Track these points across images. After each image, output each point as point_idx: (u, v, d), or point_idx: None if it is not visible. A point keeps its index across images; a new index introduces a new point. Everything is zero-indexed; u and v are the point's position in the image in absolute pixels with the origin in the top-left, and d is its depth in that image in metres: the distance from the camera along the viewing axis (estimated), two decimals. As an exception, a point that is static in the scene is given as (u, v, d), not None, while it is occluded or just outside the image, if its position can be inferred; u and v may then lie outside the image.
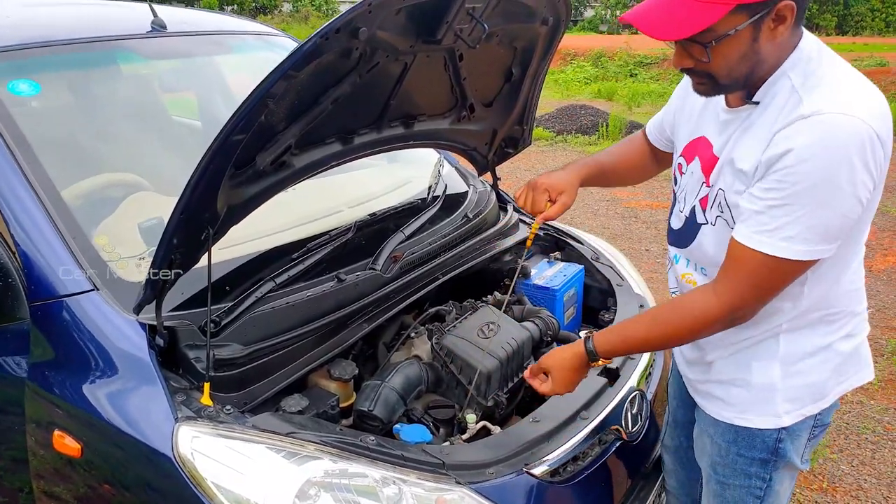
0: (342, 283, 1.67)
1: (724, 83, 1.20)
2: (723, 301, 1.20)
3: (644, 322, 1.36)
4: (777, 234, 1.13)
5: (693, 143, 1.39)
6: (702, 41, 1.13)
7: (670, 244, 1.48)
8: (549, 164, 7.58)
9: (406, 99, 1.86)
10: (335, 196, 2.08)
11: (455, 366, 1.64)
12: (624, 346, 1.38)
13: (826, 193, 1.09)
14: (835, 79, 1.15)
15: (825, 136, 1.08)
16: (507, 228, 2.33)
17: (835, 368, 1.32)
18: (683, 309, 1.28)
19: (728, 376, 1.37)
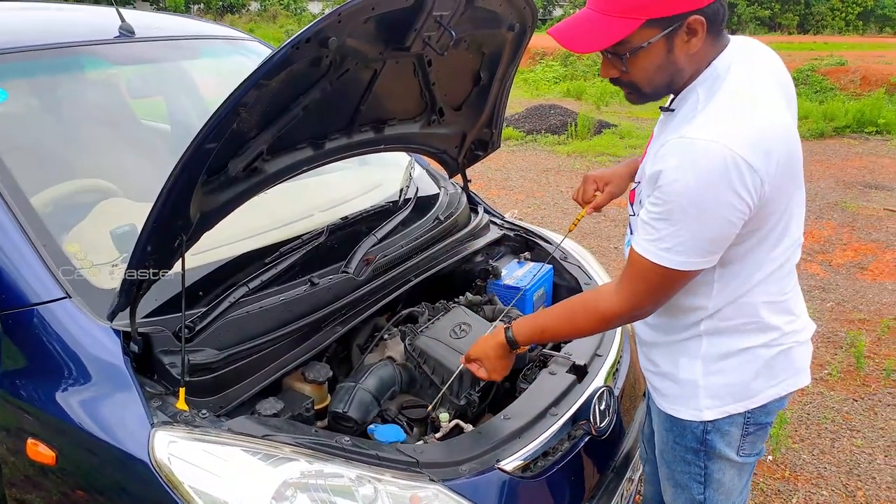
0: (315, 287, 1.69)
1: (647, 92, 1.29)
2: (622, 300, 1.32)
3: (556, 314, 1.46)
4: (658, 245, 1.23)
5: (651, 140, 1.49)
6: (618, 53, 1.23)
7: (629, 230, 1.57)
8: (519, 163, 7.65)
9: (376, 104, 1.88)
10: (307, 200, 2.10)
11: (428, 366, 1.67)
12: (539, 336, 1.50)
13: (694, 213, 1.17)
14: (724, 103, 1.21)
15: (692, 160, 1.16)
16: (478, 230, 2.37)
17: (758, 371, 1.37)
18: (589, 304, 1.40)
19: (663, 369, 1.46)
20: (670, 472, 1.52)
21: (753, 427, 1.41)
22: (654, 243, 1.23)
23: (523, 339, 1.48)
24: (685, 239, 1.20)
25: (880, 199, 6.21)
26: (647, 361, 1.52)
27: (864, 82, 11.58)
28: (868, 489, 2.51)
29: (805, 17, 36.11)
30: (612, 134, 8.90)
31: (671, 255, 1.22)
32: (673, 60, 1.23)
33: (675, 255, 1.22)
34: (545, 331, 1.48)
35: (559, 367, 1.78)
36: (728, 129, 1.17)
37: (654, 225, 1.23)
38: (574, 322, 1.42)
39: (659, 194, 1.20)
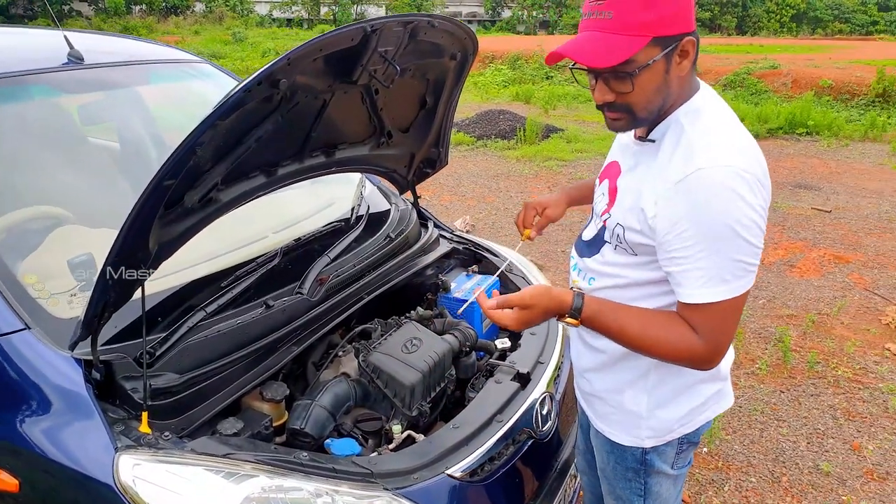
0: (271, 309, 1.78)
1: (641, 116, 1.30)
2: (711, 350, 1.29)
3: (636, 319, 1.34)
4: (719, 281, 1.23)
5: (609, 167, 1.53)
6: (627, 71, 1.23)
7: (575, 252, 1.62)
8: (470, 169, 7.79)
9: (326, 130, 1.97)
10: (261, 222, 2.17)
11: (381, 381, 1.77)
12: (603, 325, 1.35)
13: (736, 235, 1.20)
14: (719, 131, 1.27)
15: (719, 188, 1.19)
16: (429, 244, 2.47)
17: (697, 407, 1.49)
18: (673, 335, 1.30)
19: (606, 396, 1.55)
20: (611, 487, 1.63)
21: (686, 445, 1.54)
22: (714, 282, 1.23)
23: (587, 315, 1.34)
24: (736, 259, 1.22)
25: (809, 199, 6.55)
26: (587, 384, 1.61)
27: (795, 85, 12.10)
28: (792, 475, 2.71)
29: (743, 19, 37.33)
30: (559, 138, 9.13)
31: (735, 284, 1.23)
32: (668, 82, 1.27)
33: (735, 280, 1.23)
34: (613, 323, 1.34)
35: (504, 375, 1.90)
36: (737, 153, 1.23)
37: (699, 265, 1.23)
38: (646, 337, 1.31)
39: (693, 232, 1.22)
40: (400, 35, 1.76)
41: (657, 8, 1.20)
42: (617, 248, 1.41)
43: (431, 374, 1.82)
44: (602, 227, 1.46)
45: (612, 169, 1.51)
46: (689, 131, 1.28)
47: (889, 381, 3.35)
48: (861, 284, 4.55)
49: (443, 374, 1.88)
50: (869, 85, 11.12)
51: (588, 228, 1.58)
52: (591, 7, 1.25)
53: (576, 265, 1.59)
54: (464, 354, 2.00)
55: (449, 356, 1.91)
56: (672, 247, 1.25)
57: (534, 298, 1.34)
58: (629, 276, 1.40)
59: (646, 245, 1.33)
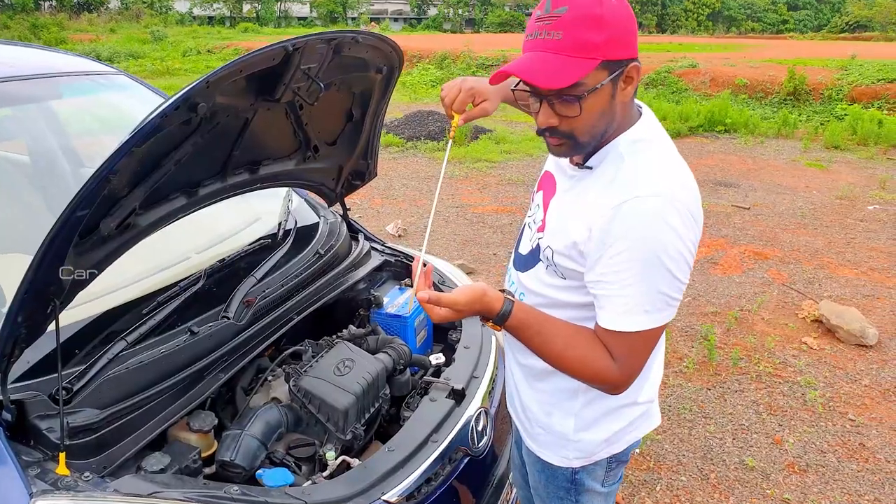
0: (195, 336, 1.72)
1: (583, 141, 1.27)
2: (624, 375, 1.30)
3: (561, 336, 1.32)
4: (639, 311, 1.23)
5: (545, 178, 1.50)
6: (576, 94, 1.20)
7: (512, 264, 1.59)
8: (401, 171, 7.77)
9: (249, 147, 1.92)
10: (183, 242, 2.10)
11: (313, 406, 1.73)
12: (526, 337, 1.34)
13: (665, 266, 1.21)
14: (659, 161, 1.28)
15: (653, 217, 1.20)
16: (360, 259, 2.44)
17: (625, 428, 1.51)
18: (590, 356, 1.30)
19: (534, 415, 1.56)
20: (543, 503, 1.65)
21: (616, 464, 1.56)
22: (635, 311, 1.23)
23: (512, 324, 1.32)
24: (661, 291, 1.22)
25: (729, 196, 6.82)
26: (518, 402, 1.62)
27: (713, 83, 12.59)
28: (719, 471, 2.82)
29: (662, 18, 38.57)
30: (488, 139, 9.21)
31: (655, 315, 1.24)
32: (613, 108, 1.25)
33: (657, 312, 1.24)
34: (536, 336, 1.33)
35: (439, 392, 1.89)
36: (676, 186, 1.23)
37: (624, 293, 1.23)
38: (566, 354, 1.31)
39: (624, 258, 1.22)
40: (323, 52, 1.73)
41: (607, 30, 1.17)
42: (548, 268, 1.41)
43: (365, 396, 1.79)
44: (537, 245, 1.45)
45: (547, 182, 1.49)
46: (629, 161, 1.27)
47: (806, 374, 3.53)
48: (779, 280, 4.77)
49: (377, 395, 1.86)
50: (781, 83, 11.66)
51: (524, 240, 1.55)
52: (538, 27, 1.21)
53: (510, 276, 1.59)
54: (398, 372, 1.99)
55: (383, 375, 1.90)
56: (601, 270, 1.26)
57: (468, 305, 1.29)
58: (557, 298, 1.40)
59: (574, 270, 1.33)
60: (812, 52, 15.30)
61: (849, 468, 2.82)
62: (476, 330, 2.22)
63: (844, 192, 6.91)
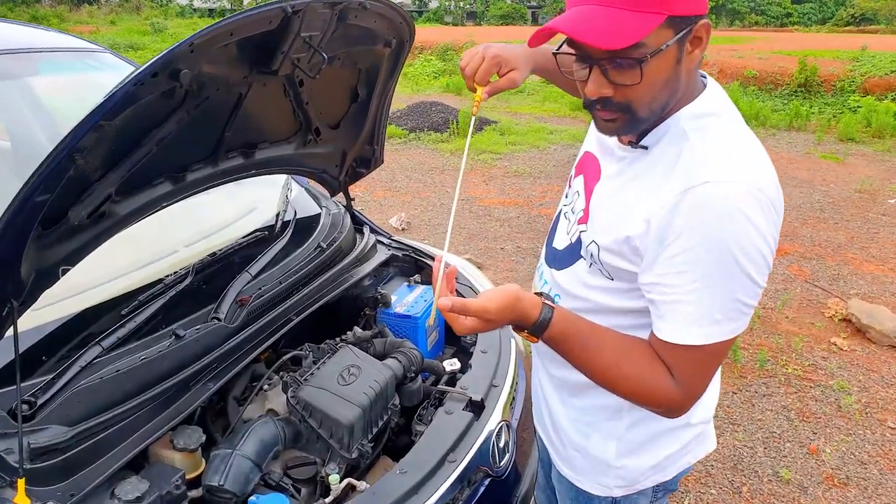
0: (181, 340, 1.51)
1: (642, 116, 1.06)
2: (686, 396, 1.09)
3: (611, 350, 1.11)
4: (708, 321, 1.02)
5: (585, 160, 1.29)
6: (636, 57, 0.99)
7: (544, 258, 1.38)
8: (403, 163, 7.55)
9: (243, 128, 1.71)
10: (171, 234, 1.90)
11: (314, 420, 1.53)
12: (568, 349, 1.12)
13: (740, 267, 1.00)
14: (732, 141, 1.07)
15: (726, 209, 0.99)
16: (365, 253, 2.24)
17: (675, 453, 1.30)
18: (649, 375, 1.09)
19: (568, 437, 1.36)
20: None
21: (662, 493, 1.36)
22: (703, 321, 1.02)
23: (554, 334, 1.09)
24: (734, 297, 1.02)
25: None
26: (548, 420, 1.42)
27: (721, 75, 12.34)
28: (752, 484, 2.62)
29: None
30: (492, 131, 8.98)
31: (726, 326, 1.03)
32: (678, 75, 1.03)
33: (728, 322, 1.03)
34: (580, 350, 1.11)
35: (455, 403, 1.69)
36: (752, 169, 1.02)
37: (689, 298, 1.02)
38: (621, 364, 1.10)
39: (691, 256, 1.00)
40: (326, 18, 1.52)
41: None
42: (592, 266, 1.20)
43: (373, 408, 1.59)
44: (578, 238, 1.24)
45: (588, 165, 1.27)
46: (695, 139, 1.05)
47: (839, 378, 3.32)
48: (801, 276, 4.56)
49: (385, 406, 1.66)
50: (791, 75, 11.42)
51: (560, 233, 1.33)
52: None
53: (542, 274, 1.37)
54: (408, 380, 1.78)
55: (392, 384, 1.69)
56: (660, 270, 1.05)
57: (499, 314, 1.06)
58: (602, 302, 1.20)
59: (625, 270, 1.12)
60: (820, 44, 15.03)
61: (892, 481, 2.62)
62: (493, 332, 2.01)
63: (863, 185, 6.69)
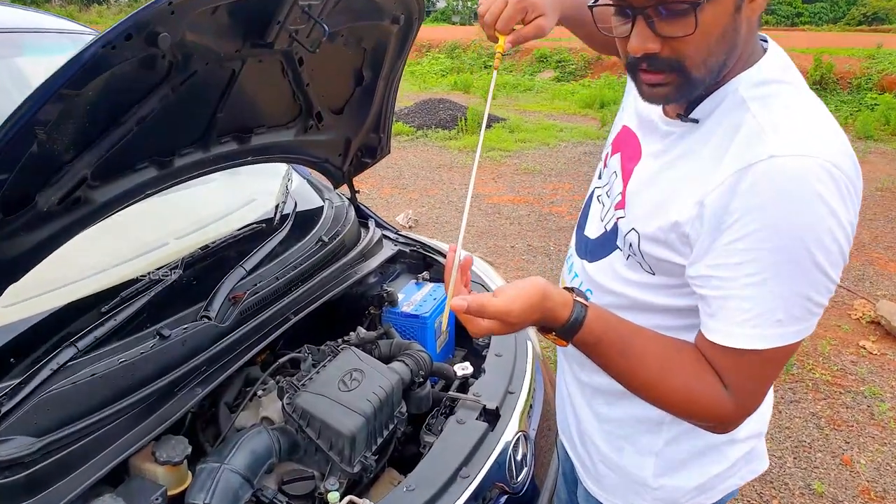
0: (166, 341, 1.37)
1: (695, 76, 0.89)
2: (740, 407, 0.93)
3: (654, 356, 0.95)
4: (769, 321, 0.86)
5: (623, 136, 1.12)
6: (688, 1, 0.83)
7: (574, 248, 1.21)
8: (410, 160, 7.41)
9: (237, 110, 1.57)
10: (159, 226, 1.75)
11: (312, 429, 1.38)
12: (603, 354, 0.95)
13: (813, 257, 0.84)
14: (803, 111, 0.91)
15: (798, 188, 0.83)
16: (370, 248, 2.09)
17: (722, 472, 1.14)
18: (698, 386, 0.93)
19: (598, 451, 1.21)
20: None
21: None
22: (763, 321, 0.86)
23: (586, 337, 0.92)
24: (802, 294, 0.86)
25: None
26: (575, 431, 1.27)
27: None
28: (783, 497, 2.45)
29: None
30: (501, 128, 8.83)
31: (791, 328, 0.87)
32: (737, 27, 0.87)
33: (794, 323, 0.87)
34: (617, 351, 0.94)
35: (468, 412, 1.54)
36: (828, 143, 0.87)
37: (747, 293, 0.86)
38: (666, 373, 0.93)
39: (752, 244, 0.85)
40: (328, -14, 1.38)
41: None
42: (630, 258, 1.05)
43: (377, 416, 1.44)
44: (615, 226, 1.08)
45: (627, 142, 1.10)
46: (757, 109, 0.90)
47: (870, 384, 3.15)
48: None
49: (391, 414, 1.51)
50: (806, 72, 11.22)
51: (592, 219, 1.17)
52: None
53: (572, 266, 1.22)
54: (416, 385, 1.63)
55: (399, 389, 1.54)
56: (714, 260, 0.89)
57: (523, 315, 0.89)
58: (640, 299, 1.04)
59: (671, 263, 0.97)
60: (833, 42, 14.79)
61: (933, 495, 2.46)
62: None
63: (884, 183, 6.51)
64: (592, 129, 8.89)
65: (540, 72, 13.79)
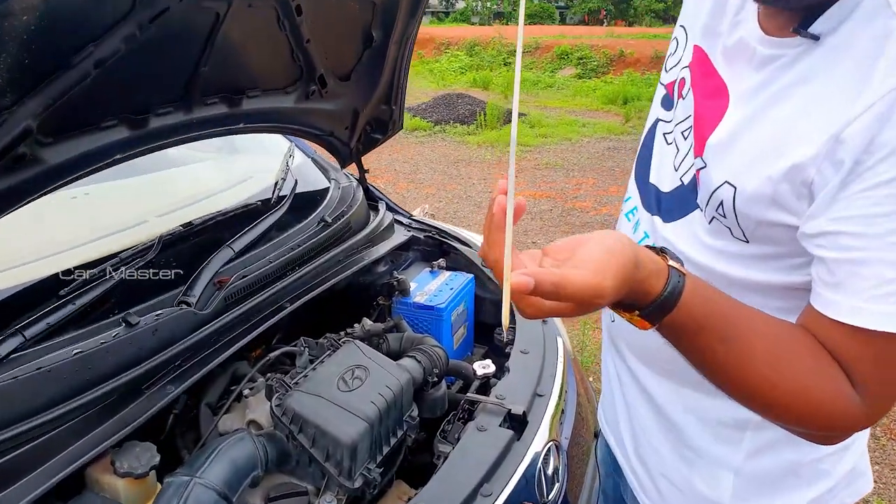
0: (132, 329, 1.16)
1: None
2: (871, 409, 0.70)
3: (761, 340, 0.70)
4: None
5: (698, 60, 0.89)
6: None
7: (640, 199, 0.98)
8: (428, 155, 7.20)
9: (225, 66, 1.36)
10: (139, 201, 1.55)
11: (306, 436, 1.16)
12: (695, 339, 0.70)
13: None
14: None
15: None
16: (379, 232, 1.87)
17: (820, 497, 0.91)
18: (819, 379, 0.70)
19: (661, 463, 0.98)
20: None
21: None
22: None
23: (688, 317, 0.68)
24: None
25: None
26: (629, 436, 1.04)
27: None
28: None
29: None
30: (521, 123, 8.60)
31: None
32: None
33: None
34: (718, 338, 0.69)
35: (489, 417, 1.32)
36: None
37: (893, 258, 0.65)
38: (779, 365, 0.70)
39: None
40: None
41: None
42: (713, 221, 0.81)
43: (383, 422, 1.22)
44: (693, 179, 0.85)
45: (701, 69, 0.87)
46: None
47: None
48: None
49: (400, 419, 1.28)
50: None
51: (662, 165, 0.93)
52: None
53: (638, 222, 0.98)
54: (430, 385, 1.41)
55: (409, 390, 1.32)
56: (844, 212, 0.66)
57: (615, 291, 0.62)
58: (727, 273, 0.81)
59: (776, 225, 0.74)
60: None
61: None
62: (534, 325, 1.63)
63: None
64: (616, 125, 8.63)
65: (561, 69, 13.55)
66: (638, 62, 12.86)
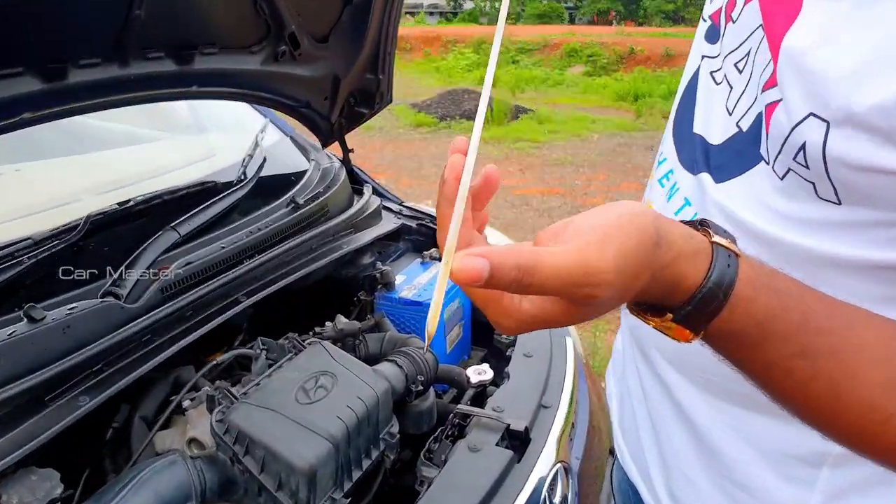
0: (36, 325, 0.93)
1: None
2: None
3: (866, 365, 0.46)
4: None
5: None
6: None
7: (675, 154, 0.75)
8: (432, 151, 6.98)
9: (169, 12, 1.13)
10: (72, 177, 1.32)
11: (253, 459, 0.93)
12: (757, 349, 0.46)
13: None
14: None
15: None
16: (363, 218, 1.64)
17: None
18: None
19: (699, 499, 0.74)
20: None
21: None
22: None
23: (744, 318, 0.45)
24: None
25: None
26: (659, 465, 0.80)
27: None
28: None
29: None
30: (529, 119, 8.37)
31: None
32: None
33: None
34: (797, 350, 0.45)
35: (485, 434, 1.08)
36: None
37: None
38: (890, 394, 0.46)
39: None
40: None
41: None
42: (790, 175, 0.57)
43: (351, 442, 0.98)
44: (758, 119, 0.61)
45: None
46: None
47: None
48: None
49: (375, 437, 1.05)
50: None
51: (712, 110, 0.69)
52: None
53: (674, 186, 0.73)
54: (414, 395, 1.18)
55: (387, 402, 1.08)
56: None
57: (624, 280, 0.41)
58: (807, 248, 0.57)
59: (884, 173, 0.49)
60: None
61: None
62: (541, 326, 1.39)
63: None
64: (627, 121, 8.39)
65: (570, 66, 13.33)
66: (648, 59, 12.61)
